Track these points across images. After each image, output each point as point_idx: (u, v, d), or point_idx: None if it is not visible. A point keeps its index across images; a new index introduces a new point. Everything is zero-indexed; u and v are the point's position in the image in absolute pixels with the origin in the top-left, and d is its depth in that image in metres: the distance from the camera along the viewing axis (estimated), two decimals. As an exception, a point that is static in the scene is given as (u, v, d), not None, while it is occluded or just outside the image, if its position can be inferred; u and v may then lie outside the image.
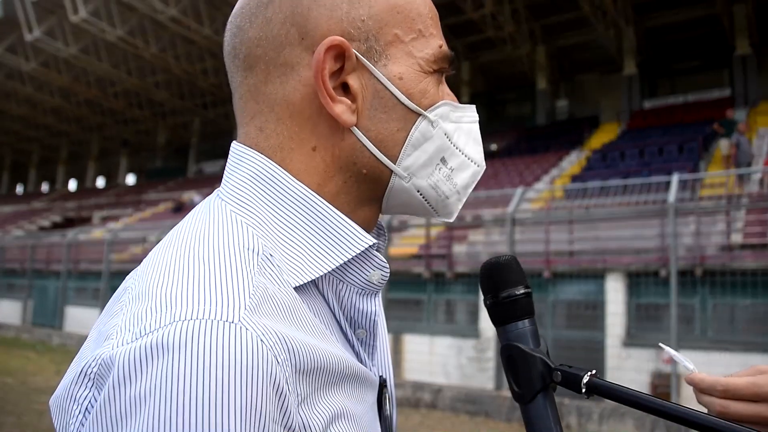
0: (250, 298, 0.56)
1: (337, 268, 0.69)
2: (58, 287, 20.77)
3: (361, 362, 0.73)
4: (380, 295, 0.78)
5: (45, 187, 51.58)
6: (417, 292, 12.83)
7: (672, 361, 8.97)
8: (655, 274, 10.28)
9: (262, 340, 0.53)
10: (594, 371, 0.78)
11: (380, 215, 0.79)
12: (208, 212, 0.68)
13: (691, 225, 11.40)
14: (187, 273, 0.58)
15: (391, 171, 0.72)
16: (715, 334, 9.77)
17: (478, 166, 0.80)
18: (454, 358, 11.72)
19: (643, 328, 10.43)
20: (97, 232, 25.14)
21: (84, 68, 32.07)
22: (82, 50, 29.45)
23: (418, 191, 0.74)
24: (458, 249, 13.83)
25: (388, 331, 9.73)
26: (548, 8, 25.80)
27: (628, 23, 25.11)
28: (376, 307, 0.73)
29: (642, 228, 11.84)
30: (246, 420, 0.50)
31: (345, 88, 0.69)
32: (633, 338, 10.34)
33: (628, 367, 10.11)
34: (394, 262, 13.28)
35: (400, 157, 0.72)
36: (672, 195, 9.78)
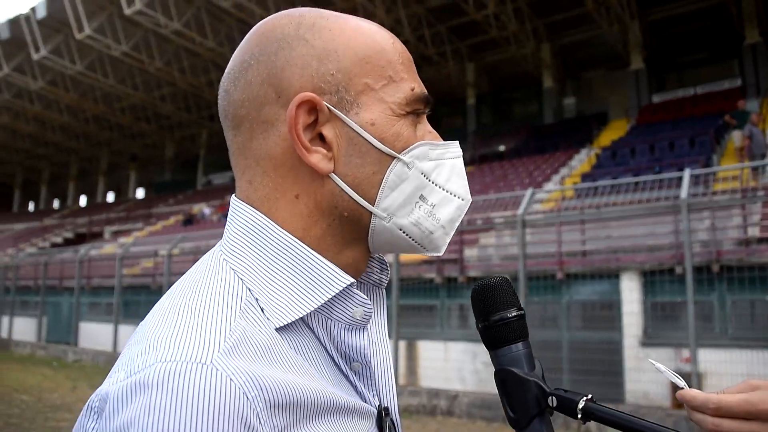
0: (225, 341, 0.63)
1: (321, 306, 0.74)
2: (72, 303, 20.80)
3: (359, 394, 0.78)
4: (384, 315, 0.88)
5: (56, 203, 51.96)
6: (429, 298, 12.71)
7: (691, 359, 8.83)
8: (671, 271, 10.12)
9: (231, 379, 0.60)
10: (590, 396, 0.78)
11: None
12: (207, 263, 0.76)
13: (706, 220, 11.22)
14: (176, 320, 0.66)
15: (371, 212, 0.77)
16: (735, 330, 9.59)
17: (462, 199, 0.83)
18: (469, 364, 11.59)
19: (660, 327, 10.27)
20: (109, 247, 25.22)
21: (90, 85, 32.27)
22: (88, 67, 29.64)
23: (401, 229, 0.78)
24: (469, 253, 13.71)
25: (403, 338, 9.62)
26: (551, 6, 25.70)
27: (632, 18, 24.96)
28: (364, 341, 0.77)
29: (655, 225, 11.67)
30: None
31: (322, 138, 0.75)
32: (651, 338, 10.18)
33: (646, 368, 9.94)
34: (405, 268, 13.17)
35: (377, 198, 0.76)
36: (684, 191, 9.60)
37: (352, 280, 0.75)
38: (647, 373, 9.83)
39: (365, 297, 0.76)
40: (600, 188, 13.52)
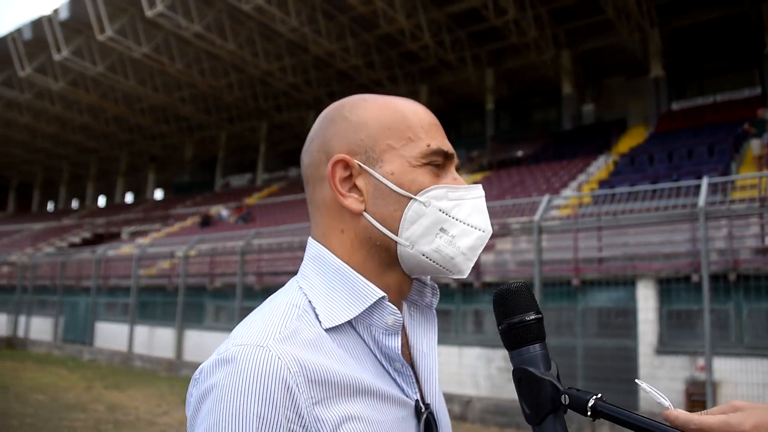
0: (280, 333, 0.88)
1: (362, 314, 0.95)
2: (89, 303, 20.98)
3: (399, 388, 0.97)
4: (435, 331, 1.09)
5: (75, 203, 52.39)
6: (445, 303, 12.71)
7: (706, 368, 8.76)
8: (687, 279, 10.05)
9: (279, 357, 0.84)
10: (600, 395, 0.84)
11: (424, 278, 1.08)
12: (287, 285, 1.02)
13: (723, 229, 11.14)
14: (252, 320, 0.93)
15: (396, 241, 0.98)
16: (751, 339, 9.51)
17: (483, 231, 1.01)
18: (483, 369, 11.57)
19: (675, 335, 10.20)
20: (126, 248, 25.40)
21: (111, 86, 32.58)
22: (109, 68, 29.92)
23: (424, 255, 0.98)
24: (486, 258, 13.69)
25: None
26: (571, 13, 25.63)
27: (653, 25, 24.83)
28: (398, 343, 0.96)
29: (672, 233, 11.60)
30: (261, 401, 0.82)
31: (357, 187, 0.98)
32: (666, 345, 10.12)
33: (661, 376, 9.88)
34: (420, 272, 13.16)
35: (399, 230, 0.97)
36: (702, 199, 9.53)
37: (384, 294, 0.95)
38: (662, 381, 9.77)
39: (395, 308, 0.96)
40: (617, 195, 13.44)
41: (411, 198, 0.97)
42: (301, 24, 25.22)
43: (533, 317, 0.92)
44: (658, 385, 9.70)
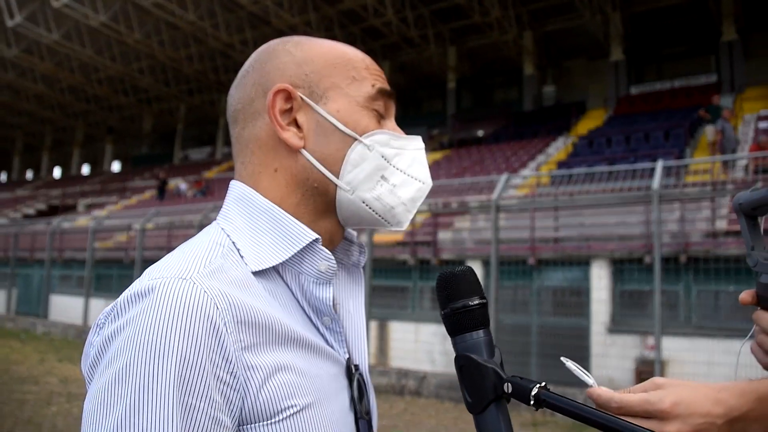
0: (205, 268, 0.80)
1: (291, 258, 0.89)
2: (43, 276, 20.60)
3: (327, 343, 0.91)
4: (362, 292, 1.04)
5: (29, 174, 51.12)
6: (402, 279, 12.80)
7: (656, 347, 9.01)
8: (640, 260, 10.27)
9: (205, 292, 0.76)
10: (543, 383, 0.81)
11: (350, 231, 1.03)
12: (205, 229, 0.93)
13: (676, 212, 11.39)
14: (168, 258, 0.84)
15: (336, 185, 0.92)
16: (698, 320, 9.78)
17: (423, 183, 0.98)
18: (439, 345, 11.70)
19: (627, 314, 10.44)
20: (82, 220, 24.93)
21: (67, 54, 31.66)
22: (65, 36, 29.04)
23: (363, 202, 0.93)
24: (443, 236, 13.79)
25: (374, 318, 9.65)
26: (535, -7, 25.69)
27: (614, 9, 25.06)
28: (330, 293, 0.90)
29: (627, 215, 11.82)
30: (184, 341, 0.72)
31: (297, 123, 0.92)
32: (618, 324, 10.35)
33: (612, 354, 10.12)
34: (379, 249, 13.23)
35: (341, 173, 0.92)
36: (656, 182, 9.72)
37: (317, 236, 0.90)
38: (613, 359, 10.01)
39: (329, 252, 0.90)
40: (575, 176, 13.64)
41: (356, 139, 0.92)
42: (264, -4, 24.84)
43: (477, 302, 0.87)
44: (609, 363, 9.95)
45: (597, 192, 12.43)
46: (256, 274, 0.86)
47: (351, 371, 0.93)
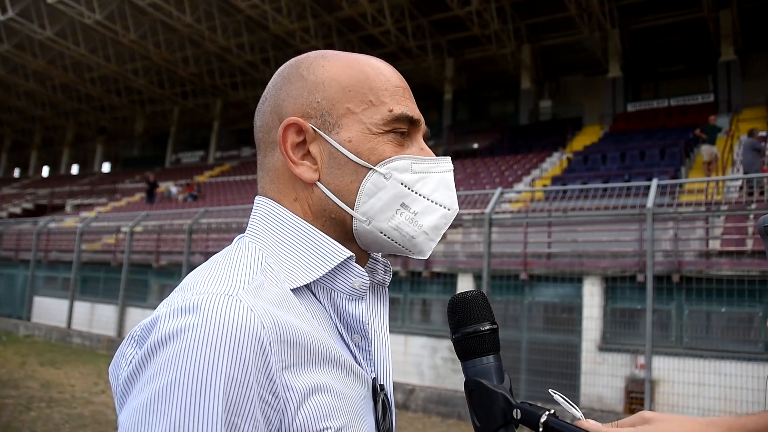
0: (249, 284, 0.78)
1: (325, 276, 0.88)
2: (27, 276, 20.30)
3: (357, 362, 0.89)
4: (386, 311, 1.01)
5: (17, 172, 50.72)
6: (392, 291, 12.63)
7: (646, 366, 8.89)
8: (632, 278, 10.18)
9: (252, 310, 0.74)
10: (552, 411, 0.82)
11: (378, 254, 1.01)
12: (235, 243, 0.92)
13: (670, 230, 11.30)
14: (208, 272, 0.81)
15: (351, 216, 0.90)
16: (690, 340, 9.68)
17: (447, 209, 0.93)
18: (428, 358, 11.55)
19: (618, 332, 10.32)
20: (70, 221, 24.66)
21: (60, 52, 31.46)
22: (59, 33, 28.84)
23: (381, 232, 0.90)
24: (435, 248, 13.57)
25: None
26: (534, 8, 25.71)
27: (613, 26, 25.11)
28: (363, 310, 0.89)
29: (620, 232, 11.73)
30: (232, 360, 0.70)
31: (311, 154, 0.90)
32: (608, 342, 10.23)
33: (603, 372, 10.00)
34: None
35: (356, 203, 0.89)
36: (651, 200, 9.66)
37: (351, 254, 0.89)
38: (603, 377, 9.88)
39: (362, 269, 0.90)
40: (569, 192, 13.55)
41: (370, 168, 0.89)
42: (262, 1, 24.75)
43: (488, 328, 0.89)
44: (599, 381, 9.83)
45: (591, 209, 12.32)
46: (293, 291, 0.85)
47: (377, 391, 0.91)
